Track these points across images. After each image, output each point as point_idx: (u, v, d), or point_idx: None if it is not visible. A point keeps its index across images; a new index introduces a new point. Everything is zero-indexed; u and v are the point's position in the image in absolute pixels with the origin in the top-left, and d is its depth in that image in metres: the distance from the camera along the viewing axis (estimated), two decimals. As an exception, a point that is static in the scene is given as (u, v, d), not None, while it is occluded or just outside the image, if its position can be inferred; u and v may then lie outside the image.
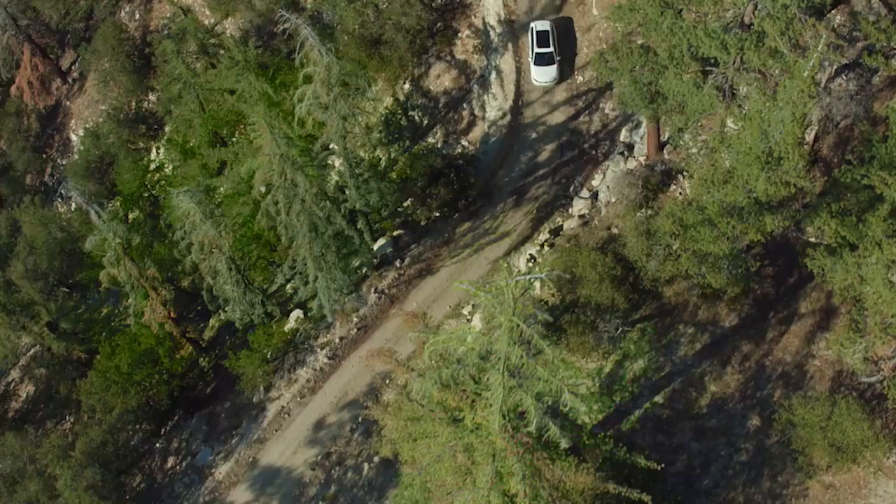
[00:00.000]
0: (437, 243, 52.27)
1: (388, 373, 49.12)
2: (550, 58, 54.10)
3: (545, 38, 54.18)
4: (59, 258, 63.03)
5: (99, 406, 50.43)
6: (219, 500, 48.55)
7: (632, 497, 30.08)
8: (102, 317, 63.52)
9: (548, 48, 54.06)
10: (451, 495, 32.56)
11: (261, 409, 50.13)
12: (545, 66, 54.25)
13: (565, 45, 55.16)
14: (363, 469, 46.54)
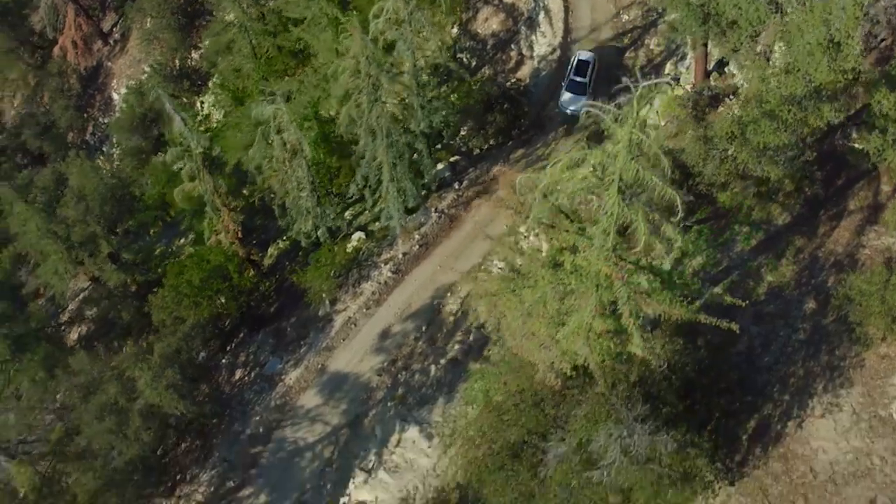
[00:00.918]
0: (492, 167, 55.53)
1: (451, 285, 52.22)
2: (584, 88, 54.93)
3: (584, 68, 55.18)
4: (109, 203, 65.68)
5: (169, 320, 53.16)
6: (289, 404, 51.41)
7: (722, 327, 33.25)
8: (157, 255, 66.35)
9: (583, 78, 55.01)
10: (545, 348, 35.75)
11: (328, 321, 53.08)
12: (577, 94, 55.04)
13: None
14: (430, 371, 49.45)
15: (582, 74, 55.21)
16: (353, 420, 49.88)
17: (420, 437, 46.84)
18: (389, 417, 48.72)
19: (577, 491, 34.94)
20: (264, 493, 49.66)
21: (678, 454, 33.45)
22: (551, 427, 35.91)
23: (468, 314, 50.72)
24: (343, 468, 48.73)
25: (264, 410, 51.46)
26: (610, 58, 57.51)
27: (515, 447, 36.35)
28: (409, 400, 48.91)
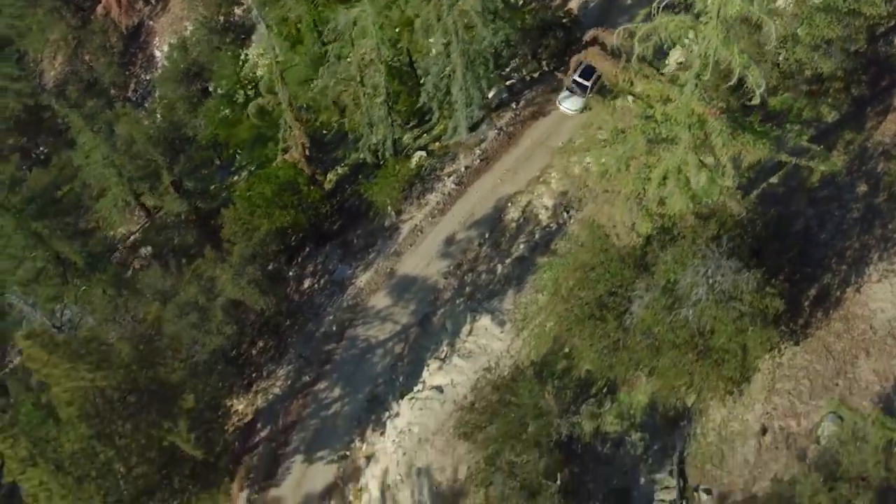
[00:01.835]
0: (547, 90, 59.19)
1: (512, 195, 55.71)
2: (584, 91, 56.52)
3: (590, 73, 56.44)
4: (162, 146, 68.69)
5: (241, 231, 56.28)
6: (360, 305, 54.68)
7: (802, 165, 36.93)
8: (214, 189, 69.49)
9: (586, 81, 56.53)
10: (631, 205, 39.32)
11: (394, 230, 56.47)
12: (575, 96, 56.73)
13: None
14: (497, 269, 52.83)
15: (586, 77, 56.72)
16: (422, 319, 53.19)
17: (492, 324, 50.16)
18: (459, 312, 52.05)
19: (661, 335, 38.33)
20: (338, 387, 52.87)
21: (758, 293, 36.88)
22: (636, 280, 39.34)
23: (530, 220, 54.25)
24: (414, 362, 52.00)
25: (336, 311, 54.75)
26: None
27: (602, 299, 39.72)
28: (477, 296, 52.25)
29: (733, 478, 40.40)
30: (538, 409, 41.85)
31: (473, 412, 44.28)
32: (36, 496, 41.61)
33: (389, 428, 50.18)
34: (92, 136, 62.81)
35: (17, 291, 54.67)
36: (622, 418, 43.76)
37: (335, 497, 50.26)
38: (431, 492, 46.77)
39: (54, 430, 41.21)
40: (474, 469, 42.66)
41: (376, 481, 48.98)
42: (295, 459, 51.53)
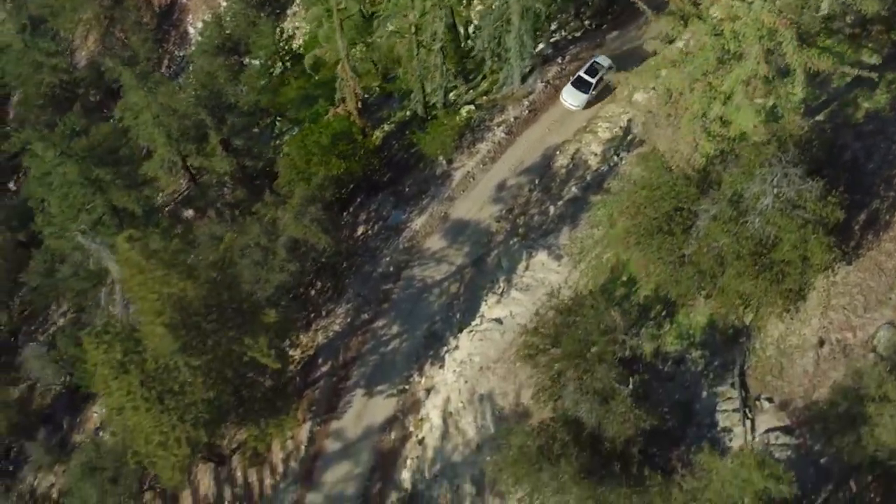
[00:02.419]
0: (590, 46, 61.83)
1: (560, 144, 58.16)
2: (588, 87, 58.20)
3: (594, 70, 58.47)
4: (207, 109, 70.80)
5: (297, 178, 58.45)
6: (416, 247, 56.92)
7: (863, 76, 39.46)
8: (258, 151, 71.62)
9: (591, 79, 58.22)
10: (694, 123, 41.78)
11: (447, 177, 58.81)
12: (578, 91, 58.38)
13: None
14: (549, 211, 55.17)
15: (591, 74, 58.39)
16: (477, 259, 55.44)
17: (549, 258, 52.45)
18: (514, 250, 54.35)
19: (726, 247, 40.67)
20: (396, 325, 54.99)
21: (820, 202, 39.30)
22: (701, 196, 41.74)
23: (580, 166, 56.67)
24: (470, 300, 54.18)
25: (393, 252, 56.98)
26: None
27: (669, 214, 42.07)
28: (531, 236, 54.57)
29: (793, 387, 42.69)
30: (603, 326, 44.01)
31: (537, 335, 46.29)
32: (121, 408, 43.57)
33: (448, 360, 52.31)
34: (143, 95, 64.93)
35: (85, 229, 56.58)
36: (682, 338, 46.07)
37: (395, 428, 52.27)
38: (494, 416, 48.86)
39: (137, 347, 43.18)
40: (541, 386, 44.68)
41: (437, 410, 51.05)
42: (355, 393, 53.59)
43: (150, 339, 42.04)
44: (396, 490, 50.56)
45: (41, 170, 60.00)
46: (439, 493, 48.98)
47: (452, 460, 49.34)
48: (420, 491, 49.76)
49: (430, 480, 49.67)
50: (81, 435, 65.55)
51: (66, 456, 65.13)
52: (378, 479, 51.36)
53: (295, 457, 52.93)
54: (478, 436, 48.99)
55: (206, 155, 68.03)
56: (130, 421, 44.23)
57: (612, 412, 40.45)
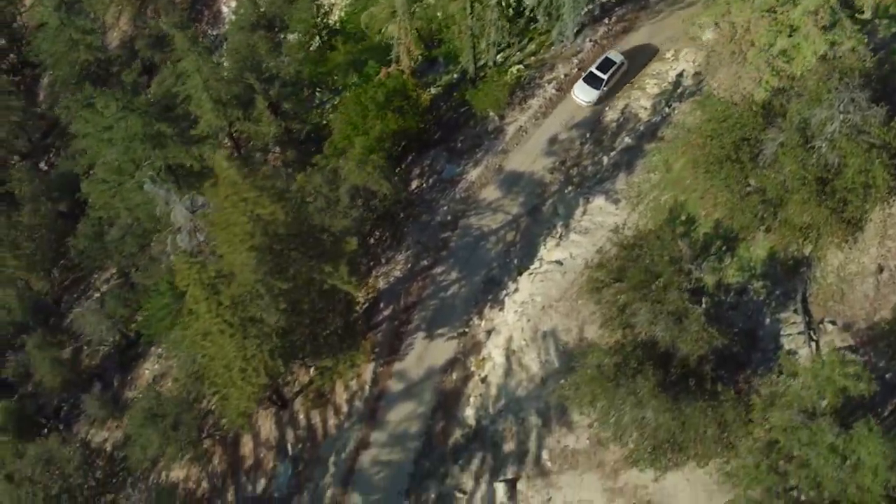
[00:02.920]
0: (635, 8, 64.12)
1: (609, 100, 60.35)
2: (598, 84, 58.87)
3: (608, 66, 59.15)
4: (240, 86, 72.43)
5: (353, 132, 60.33)
6: (472, 198, 58.92)
7: None
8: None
9: (603, 75, 58.93)
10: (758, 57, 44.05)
11: (499, 131, 60.91)
12: (590, 87, 59.15)
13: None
14: (603, 161, 57.24)
15: (603, 70, 59.20)
16: (532, 209, 57.45)
17: (606, 203, 54.51)
18: (570, 198, 56.40)
19: (792, 173, 42.84)
20: (455, 271, 56.92)
21: (885, 127, 41.54)
22: (767, 127, 43.96)
23: (630, 119, 58.85)
24: (527, 247, 56.17)
25: (449, 202, 59.00)
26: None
27: (737, 143, 44.27)
28: (586, 184, 56.67)
29: (855, 311, 44.84)
30: (669, 257, 46.04)
31: (602, 270, 48.21)
32: (206, 333, 45.31)
33: (508, 303, 54.22)
34: (195, 59, 66.83)
35: (154, 176, 58.28)
36: (743, 270, 48.16)
37: (457, 369, 54.11)
38: (558, 351, 50.77)
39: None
40: (609, 315, 46.57)
41: (500, 350, 52.92)
42: (416, 336, 55.45)
43: (235, 265, 43.79)
44: (460, 427, 52.35)
45: (102, 124, 61.67)
46: (504, 426, 50.80)
47: (517, 395, 51.20)
48: (484, 426, 51.57)
49: (494, 415, 51.50)
50: (133, 391, 67.11)
51: (119, 412, 66.83)
52: (441, 417, 53.16)
53: (359, 397, 54.73)
54: (542, 371, 50.88)
55: (253, 120, 69.99)
56: (213, 347, 45.94)
57: (686, 331, 42.44)
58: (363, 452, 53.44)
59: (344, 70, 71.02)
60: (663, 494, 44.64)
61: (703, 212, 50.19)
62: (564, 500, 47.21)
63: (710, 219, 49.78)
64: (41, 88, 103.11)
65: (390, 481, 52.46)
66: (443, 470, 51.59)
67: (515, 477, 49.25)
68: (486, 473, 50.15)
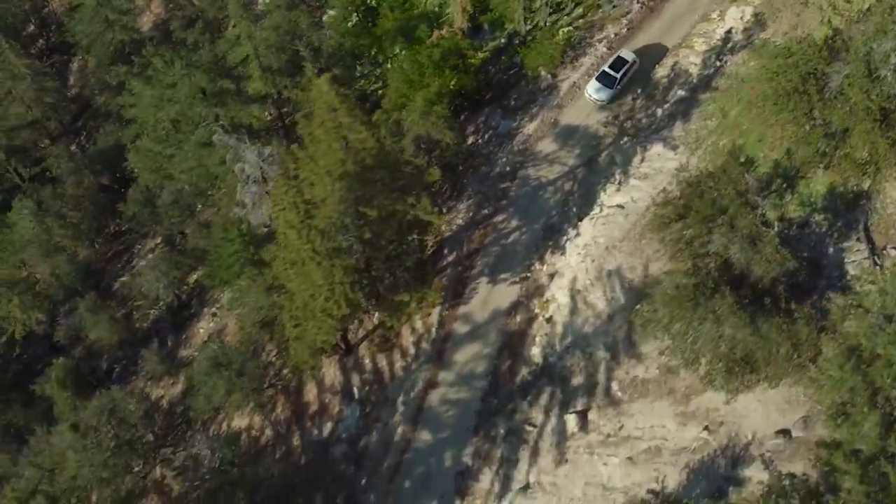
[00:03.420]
0: (680, -29, 67.03)
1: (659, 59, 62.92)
2: (612, 82, 60.54)
3: (620, 65, 60.86)
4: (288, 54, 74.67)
5: (409, 90, 62.57)
6: (529, 150, 61.28)
7: None
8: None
9: (615, 73, 60.60)
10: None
11: (553, 88, 63.37)
12: (603, 85, 60.73)
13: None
14: (657, 113, 59.70)
15: (615, 69, 60.88)
16: (588, 160, 59.83)
17: (664, 149, 56.91)
18: (627, 147, 58.82)
19: (857, 103, 45.37)
20: (515, 219, 59.17)
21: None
22: (831, 62, 46.53)
23: (680, 75, 61.38)
24: (585, 195, 58.48)
25: (507, 154, 61.31)
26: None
27: (803, 77, 46.78)
28: (641, 135, 59.12)
29: (917, 238, 47.37)
30: (735, 190, 48.38)
31: (668, 206, 50.51)
32: (294, 262, 47.24)
33: (570, 247, 56.44)
34: (248, 25, 69.01)
35: (224, 125, 60.16)
36: (804, 205, 50.53)
37: (520, 312, 56.23)
38: (624, 288, 52.97)
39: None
40: (677, 248, 48.79)
41: (564, 290, 55.08)
42: (480, 281, 57.56)
43: (324, 195, 45.82)
44: (526, 365, 54.39)
45: (166, 81, 63.63)
46: (572, 362, 52.87)
47: (583, 332, 53.31)
48: (551, 363, 53.63)
49: (561, 352, 53.58)
50: (188, 350, 68.80)
51: (175, 369, 68.46)
52: (507, 357, 55.20)
53: (426, 339, 56.73)
54: (608, 307, 53.04)
55: (301, 87, 72.19)
56: (298, 279, 47.85)
57: (760, 252, 44.75)
58: (431, 392, 55.39)
59: (391, 37, 73.26)
60: (735, 415, 46.70)
61: (761, 153, 52.68)
62: (636, 427, 49.22)
63: (769, 159, 52.22)
64: (71, 73, 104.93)
65: (458, 419, 54.42)
66: (510, 406, 53.56)
67: (585, 408, 51.25)
68: (555, 407, 52.14)
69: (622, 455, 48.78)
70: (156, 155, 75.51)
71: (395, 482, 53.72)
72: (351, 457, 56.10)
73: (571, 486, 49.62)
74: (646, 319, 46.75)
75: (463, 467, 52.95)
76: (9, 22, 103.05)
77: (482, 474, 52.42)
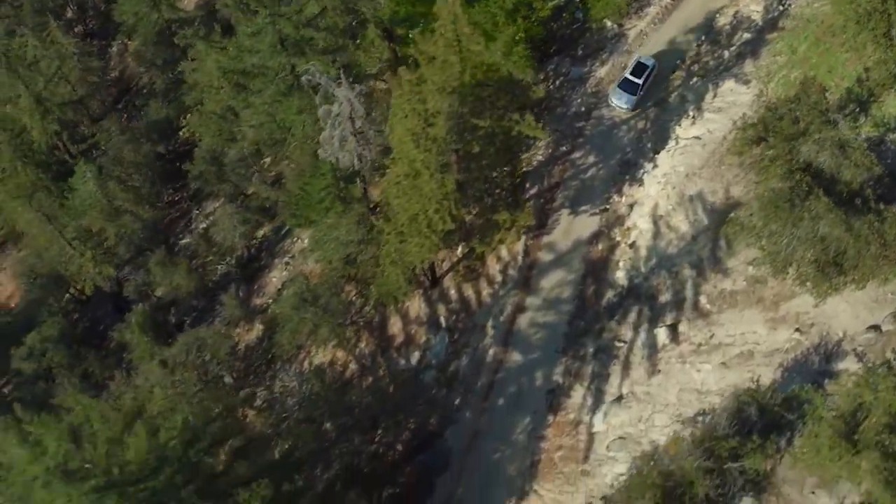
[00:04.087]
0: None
1: (719, 8, 66.90)
2: (635, 89, 62.73)
3: (641, 71, 63.00)
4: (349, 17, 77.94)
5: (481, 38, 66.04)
6: (602, 92, 64.92)
7: None
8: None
9: (637, 79, 62.79)
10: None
11: (620, 36, 67.18)
12: (626, 92, 62.91)
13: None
14: (724, 55, 63.44)
15: (637, 76, 62.95)
16: (659, 101, 63.53)
17: (736, 84, 60.60)
18: (697, 86, 62.57)
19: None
20: (592, 155, 62.66)
21: None
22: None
23: (742, 21, 65.37)
24: (659, 132, 62.06)
25: (581, 96, 64.97)
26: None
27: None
28: (711, 74, 62.94)
29: None
30: (817, 109, 52.13)
31: (749, 129, 54.09)
32: (408, 175, 50.31)
33: (648, 179, 59.94)
34: (309, -8, 72.39)
35: (316, 64, 63.16)
36: (878, 126, 54.14)
37: (602, 241, 59.55)
38: (706, 210, 56.40)
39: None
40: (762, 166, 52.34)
41: (646, 217, 58.46)
42: (561, 213, 60.93)
43: (435, 109, 49.01)
44: (612, 288, 57.61)
45: (250, 30, 66.73)
46: (658, 281, 56.13)
47: (668, 253, 56.64)
48: (637, 284, 56.87)
49: (646, 273, 56.84)
50: (262, 298, 71.53)
51: (251, 316, 71.08)
52: (591, 282, 58.42)
53: (512, 266, 59.89)
54: (691, 229, 56.41)
55: (363, 49, 75.77)
56: (406, 195, 50.90)
57: (849, 158, 48.39)
58: (519, 316, 58.45)
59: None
60: (825, 317, 49.98)
61: (832, 83, 56.52)
62: (727, 334, 52.40)
63: (841, 87, 56.08)
64: (111, 57, 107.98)
65: (546, 341, 57.47)
66: (598, 326, 56.69)
67: (675, 322, 54.44)
68: (644, 323, 55.28)
69: (715, 361, 51.90)
70: (219, 118, 78.90)
71: (488, 400, 56.57)
72: (441, 381, 58.95)
73: (665, 393, 52.67)
74: (740, 227, 50.21)
75: (553, 385, 55.90)
76: (49, 7, 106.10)
77: (573, 391, 55.37)
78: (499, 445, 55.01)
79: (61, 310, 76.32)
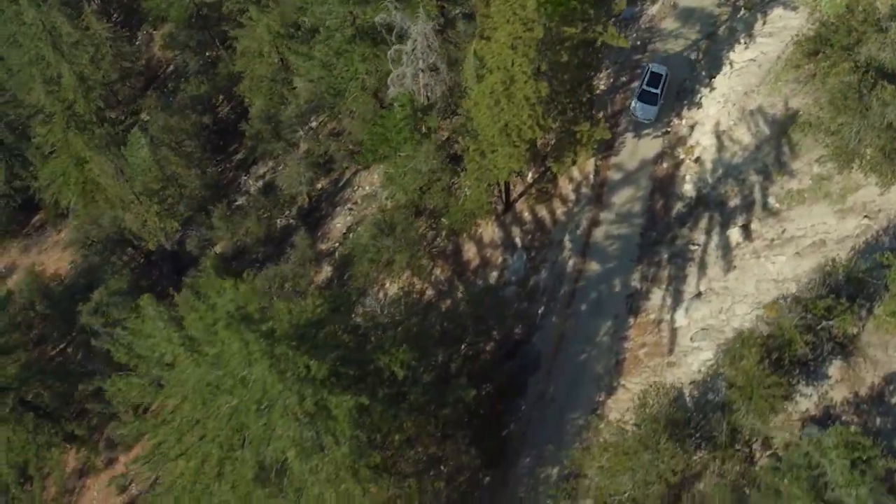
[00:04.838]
0: None
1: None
2: (654, 99, 65.46)
3: (657, 81, 65.82)
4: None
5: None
6: (654, 28, 70.14)
7: None
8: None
9: (655, 89, 65.57)
10: None
11: (656, -13, 72.97)
12: (647, 104, 65.60)
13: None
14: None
15: (654, 86, 65.77)
16: (709, 34, 68.87)
17: (784, 11, 65.86)
18: (746, 18, 68.02)
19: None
20: (650, 85, 67.80)
21: None
22: None
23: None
24: (711, 61, 67.21)
25: (635, 31, 70.17)
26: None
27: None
28: (757, 6, 68.49)
29: None
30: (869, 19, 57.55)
31: (806, 43, 59.34)
32: (510, 80, 54.64)
33: (706, 101, 64.97)
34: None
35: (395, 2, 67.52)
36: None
37: (666, 160, 64.34)
38: (767, 122, 61.46)
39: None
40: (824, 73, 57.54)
41: (708, 134, 63.39)
42: (625, 137, 65.75)
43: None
44: (680, 200, 62.23)
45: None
46: (725, 189, 60.89)
47: (733, 163, 61.45)
48: (705, 193, 61.59)
49: (713, 183, 61.61)
50: (327, 244, 75.29)
51: (319, 259, 74.70)
52: (660, 197, 63.07)
53: (585, 185, 64.46)
54: (755, 139, 61.32)
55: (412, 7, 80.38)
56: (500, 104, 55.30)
57: (910, 54, 53.76)
58: (595, 229, 62.85)
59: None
60: (891, 203, 54.91)
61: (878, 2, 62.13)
62: (798, 228, 57.13)
63: (886, 4, 61.66)
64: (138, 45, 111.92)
65: (622, 252, 61.82)
66: (670, 235, 61.22)
67: (746, 222, 59.18)
68: (715, 227, 59.86)
69: (789, 252, 56.56)
70: (270, 81, 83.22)
71: (571, 307, 60.76)
72: (522, 295, 63.07)
73: (743, 286, 57.14)
74: (808, 125, 55.24)
75: (632, 290, 60.23)
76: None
77: (651, 294, 59.67)
78: (584, 347, 58.99)
79: (125, 265, 79.52)
